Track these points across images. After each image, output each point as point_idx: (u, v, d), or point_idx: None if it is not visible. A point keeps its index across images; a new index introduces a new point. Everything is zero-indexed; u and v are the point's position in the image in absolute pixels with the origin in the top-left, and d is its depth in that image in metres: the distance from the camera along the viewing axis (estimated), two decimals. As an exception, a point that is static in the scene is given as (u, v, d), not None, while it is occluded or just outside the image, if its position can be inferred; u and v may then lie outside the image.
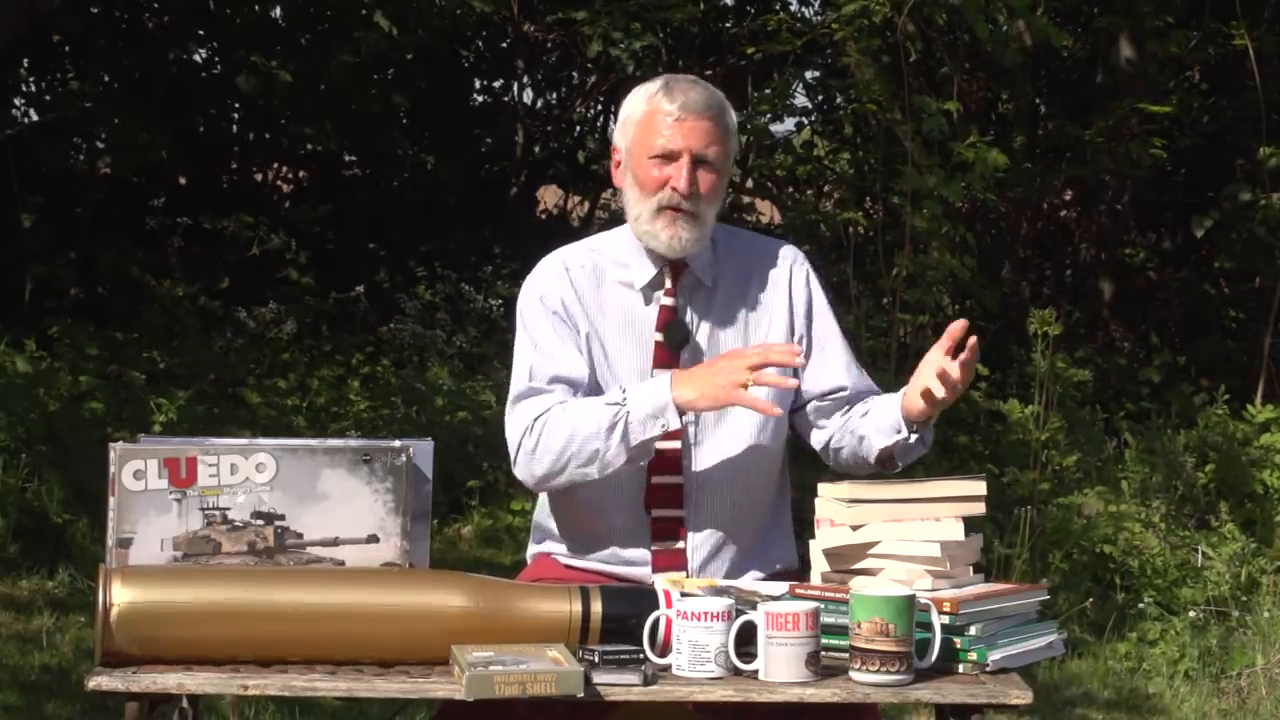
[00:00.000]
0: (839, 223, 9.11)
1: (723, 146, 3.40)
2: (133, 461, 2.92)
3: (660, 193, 3.37)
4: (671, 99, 3.38)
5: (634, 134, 3.41)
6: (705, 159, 3.37)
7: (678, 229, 3.37)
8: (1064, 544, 7.03)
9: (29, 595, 6.67)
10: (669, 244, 3.38)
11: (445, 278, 9.64)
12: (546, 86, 11.45)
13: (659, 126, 3.37)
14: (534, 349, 3.42)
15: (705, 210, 3.39)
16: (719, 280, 3.47)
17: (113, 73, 10.21)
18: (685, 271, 3.45)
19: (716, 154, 3.39)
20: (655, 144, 3.37)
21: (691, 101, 3.37)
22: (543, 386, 3.38)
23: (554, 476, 3.34)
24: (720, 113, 3.40)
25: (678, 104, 3.37)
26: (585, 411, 3.31)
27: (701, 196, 3.37)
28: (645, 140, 3.39)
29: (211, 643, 2.81)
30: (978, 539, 3.05)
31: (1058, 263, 10.55)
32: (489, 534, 7.80)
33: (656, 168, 3.38)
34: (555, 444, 3.32)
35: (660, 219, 3.38)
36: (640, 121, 3.40)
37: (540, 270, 3.50)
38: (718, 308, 3.46)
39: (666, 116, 3.37)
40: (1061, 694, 6.18)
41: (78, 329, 8.81)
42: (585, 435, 3.29)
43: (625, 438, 3.28)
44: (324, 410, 8.44)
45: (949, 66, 9.36)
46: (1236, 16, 8.94)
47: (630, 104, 3.44)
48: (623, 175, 3.45)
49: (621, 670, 2.76)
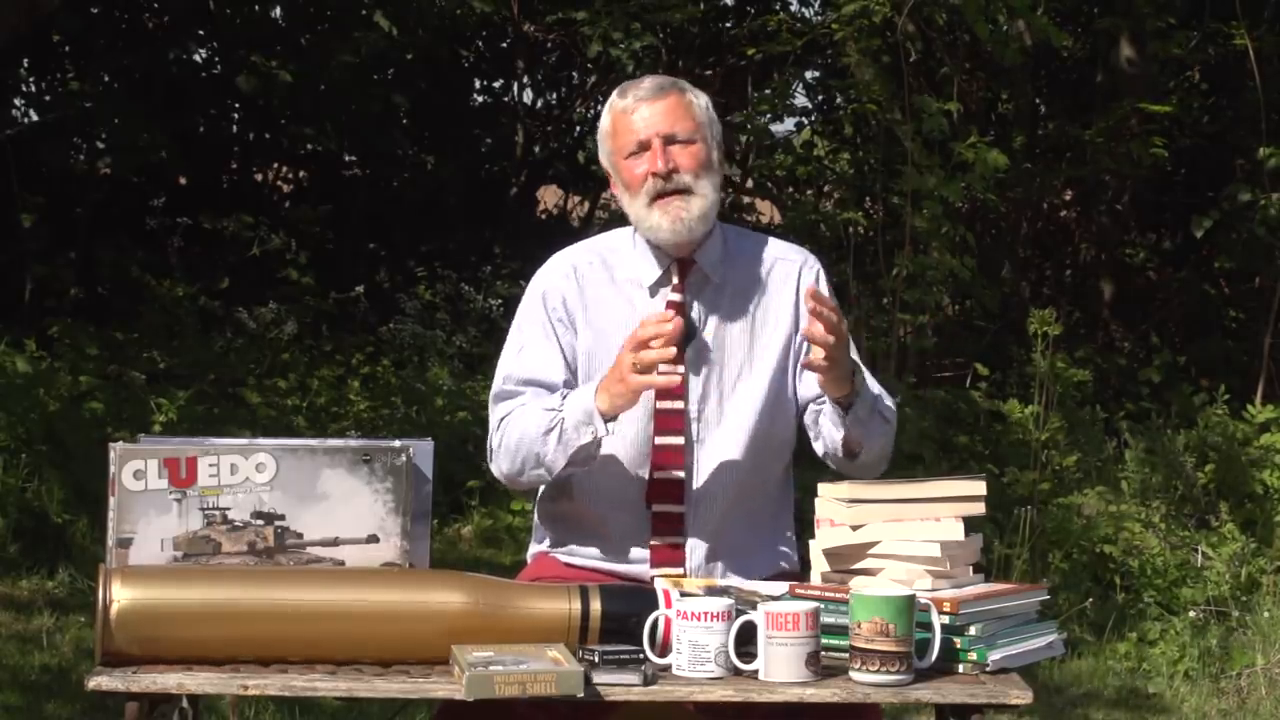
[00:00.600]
0: (839, 223, 9.11)
1: (690, 120, 3.41)
2: (133, 461, 2.92)
3: (645, 184, 3.39)
4: (624, 96, 3.43)
5: (609, 146, 3.46)
6: (674, 137, 3.40)
7: (676, 211, 3.38)
8: (1064, 544, 7.03)
9: (29, 595, 6.67)
10: (673, 228, 3.38)
11: (445, 278, 9.64)
12: (546, 86, 11.45)
13: (623, 127, 3.42)
14: (518, 351, 3.46)
15: (696, 183, 3.39)
16: (727, 278, 3.47)
17: (113, 73, 10.21)
18: (693, 268, 3.45)
19: (685, 128, 3.41)
20: (626, 144, 3.41)
21: (643, 90, 3.42)
22: (515, 389, 3.43)
23: (517, 476, 3.41)
24: (676, 90, 3.44)
25: (630, 98, 3.42)
26: (532, 415, 3.36)
27: (684, 170, 3.38)
28: (618, 145, 3.43)
29: (211, 643, 2.81)
30: (978, 539, 3.05)
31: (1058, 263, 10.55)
32: (489, 534, 7.80)
33: (635, 165, 3.40)
34: (511, 445, 3.39)
35: (655, 209, 3.39)
36: (609, 132, 3.46)
37: (547, 268, 3.52)
38: (725, 305, 3.46)
39: (625, 115, 3.42)
40: (1061, 694, 6.18)
41: (78, 329, 8.81)
42: (531, 439, 3.35)
43: (562, 442, 3.31)
44: (324, 410, 8.44)
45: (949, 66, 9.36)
46: (1236, 16, 8.94)
47: (601, 122, 3.50)
48: (617, 188, 3.48)
49: (621, 670, 2.76)
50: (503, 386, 3.44)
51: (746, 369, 3.44)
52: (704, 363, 3.42)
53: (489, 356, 8.99)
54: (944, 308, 9.47)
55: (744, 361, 3.44)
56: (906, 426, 7.68)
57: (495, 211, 10.87)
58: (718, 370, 3.43)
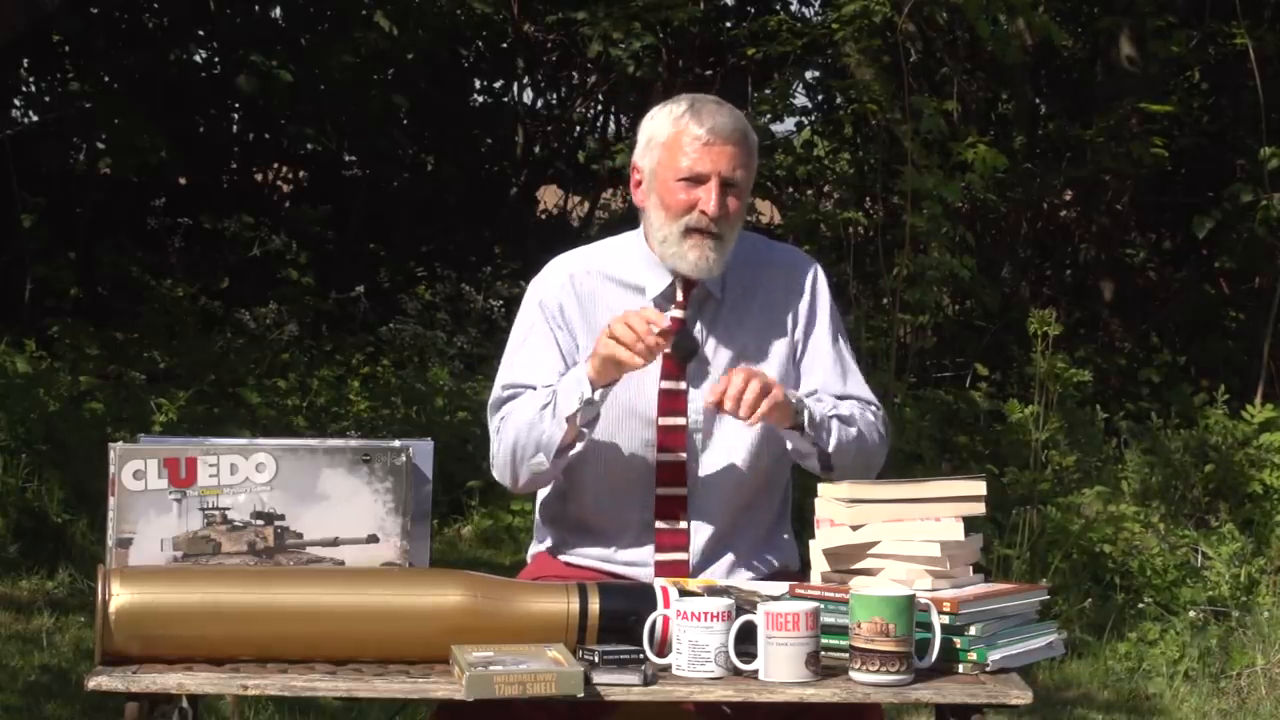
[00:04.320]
0: (839, 223, 9.11)
1: (748, 170, 3.40)
2: (133, 461, 2.92)
3: (688, 215, 3.36)
4: (700, 122, 3.36)
5: (659, 156, 3.39)
6: (733, 183, 3.37)
7: (705, 251, 3.37)
8: (1064, 544, 7.03)
9: (29, 595, 6.67)
10: (695, 265, 3.38)
11: (445, 278, 9.65)
12: (546, 86, 11.45)
13: (686, 149, 3.35)
14: (514, 360, 3.46)
15: (729, 234, 3.38)
16: (728, 293, 3.46)
17: (113, 73, 10.21)
18: (696, 284, 3.45)
19: (743, 178, 3.39)
20: (683, 166, 3.36)
21: (720, 125, 3.36)
22: (513, 395, 3.43)
23: (517, 471, 3.40)
24: (745, 136, 3.40)
25: (706, 127, 3.35)
26: (527, 402, 3.37)
27: (729, 219, 3.37)
28: (672, 163, 3.37)
29: (211, 643, 2.81)
30: (978, 539, 3.06)
31: (1058, 263, 10.55)
32: (489, 534, 7.80)
33: (684, 190, 3.36)
34: (509, 439, 3.39)
35: (688, 241, 3.37)
36: (666, 144, 3.38)
37: (543, 276, 3.52)
38: (725, 320, 3.46)
39: (695, 140, 3.35)
40: (1061, 694, 6.18)
41: (78, 329, 8.81)
42: (528, 421, 3.35)
43: (555, 414, 3.31)
44: (324, 410, 8.44)
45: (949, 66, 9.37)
46: (1236, 16, 8.94)
47: (653, 125, 3.41)
48: (645, 195, 3.43)
49: (621, 670, 2.76)
50: (501, 394, 3.45)
51: None
52: (705, 377, 3.42)
53: (489, 357, 9.00)
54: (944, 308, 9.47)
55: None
56: (906, 427, 7.69)
57: (495, 212, 10.87)
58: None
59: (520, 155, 11.12)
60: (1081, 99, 10.39)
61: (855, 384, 3.51)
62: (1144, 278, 10.52)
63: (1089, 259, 10.37)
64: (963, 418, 8.32)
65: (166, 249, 9.44)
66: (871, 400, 3.50)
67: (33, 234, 9.57)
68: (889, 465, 3.56)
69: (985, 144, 8.25)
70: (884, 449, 3.49)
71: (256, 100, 10.07)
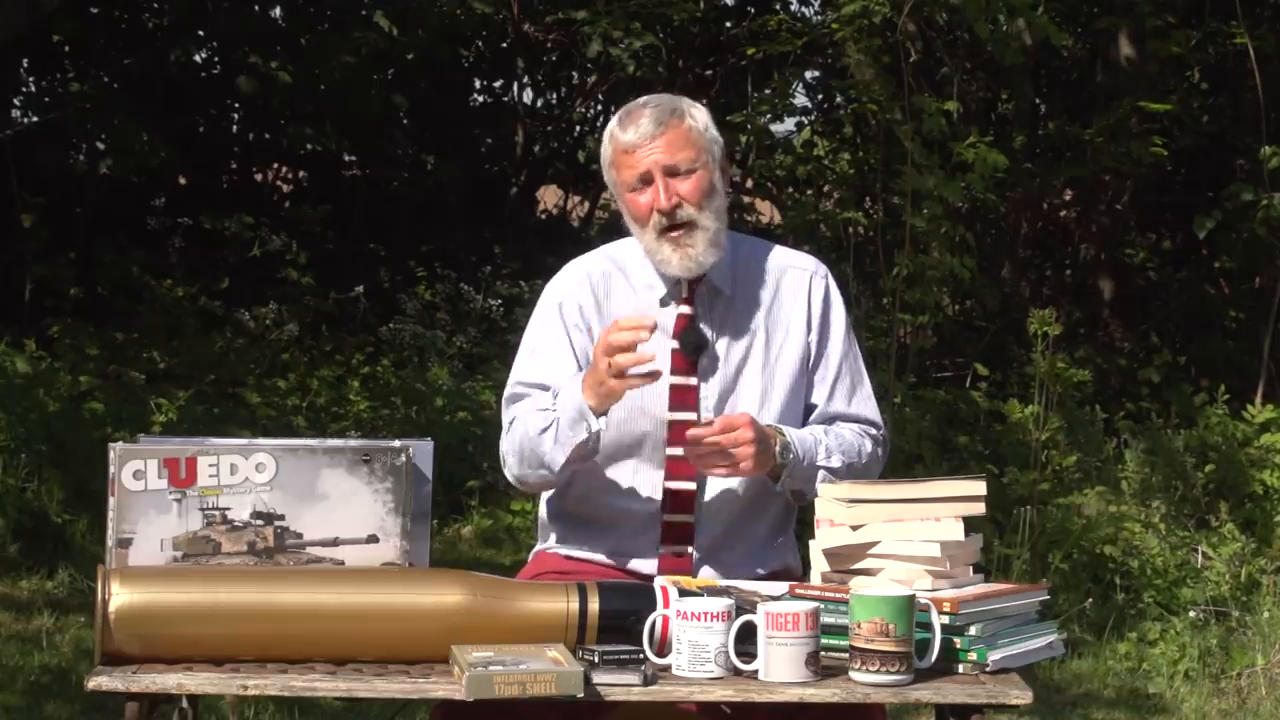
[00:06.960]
0: (839, 223, 9.11)
1: (690, 148, 3.39)
2: (133, 461, 2.92)
3: (653, 218, 3.38)
4: (625, 130, 3.40)
5: (612, 176, 3.46)
6: (676, 169, 3.38)
7: (684, 248, 3.38)
8: (1064, 544, 7.03)
9: (29, 595, 6.67)
10: (682, 264, 3.39)
11: (445, 278, 9.64)
12: (546, 86, 11.45)
13: (624, 162, 3.40)
14: (530, 355, 3.47)
15: (700, 215, 3.38)
16: (737, 289, 3.47)
17: (113, 73, 10.21)
18: (702, 280, 3.45)
19: (686, 157, 3.39)
20: (628, 179, 3.40)
21: (643, 125, 3.38)
22: (525, 391, 3.43)
23: (525, 477, 3.41)
24: (675, 118, 3.40)
25: (630, 134, 3.39)
26: (531, 417, 3.37)
27: (688, 203, 3.37)
28: (621, 179, 3.42)
29: (211, 642, 2.81)
30: (978, 539, 3.05)
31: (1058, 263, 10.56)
32: (489, 534, 7.80)
33: (640, 197, 3.40)
34: (516, 446, 3.40)
35: (664, 244, 3.39)
36: (612, 162, 3.44)
37: (561, 276, 3.53)
38: (735, 316, 3.46)
39: (627, 151, 3.39)
40: (1061, 694, 6.18)
41: (78, 329, 8.81)
42: (532, 439, 3.35)
43: (559, 441, 3.32)
44: (324, 410, 8.44)
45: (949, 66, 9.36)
46: (1236, 16, 8.94)
47: (603, 147, 3.48)
48: (625, 214, 3.47)
49: (621, 670, 2.76)
50: (514, 390, 3.45)
51: (758, 378, 3.44)
52: (715, 373, 3.43)
53: (489, 357, 9.00)
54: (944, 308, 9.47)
55: (756, 371, 3.44)
56: (906, 427, 7.70)
57: (495, 211, 10.87)
58: (730, 381, 3.43)
59: (520, 155, 11.12)
60: (1081, 99, 10.39)
61: (861, 402, 3.51)
62: (1144, 278, 10.53)
63: (1089, 259, 10.37)
64: (963, 418, 8.32)
65: (166, 249, 9.45)
66: (875, 420, 3.51)
67: (32, 234, 9.57)
68: (889, 465, 3.57)
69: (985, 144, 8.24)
70: (877, 471, 3.50)
71: (256, 100, 10.07)
